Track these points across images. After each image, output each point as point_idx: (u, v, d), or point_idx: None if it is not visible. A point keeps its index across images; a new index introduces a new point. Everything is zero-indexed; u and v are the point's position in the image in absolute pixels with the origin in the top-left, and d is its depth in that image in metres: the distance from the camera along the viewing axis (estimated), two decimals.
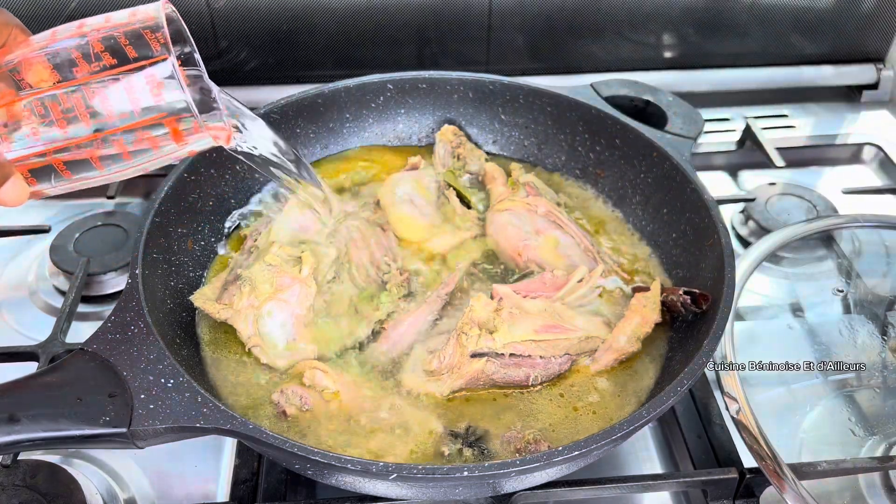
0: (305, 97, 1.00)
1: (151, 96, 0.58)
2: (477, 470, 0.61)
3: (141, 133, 0.60)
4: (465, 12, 1.25)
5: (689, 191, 0.88)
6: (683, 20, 1.30)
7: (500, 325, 0.77)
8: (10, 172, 0.58)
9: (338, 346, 0.81)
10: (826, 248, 1.06)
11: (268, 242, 0.85)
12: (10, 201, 0.59)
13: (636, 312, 0.81)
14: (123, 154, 0.60)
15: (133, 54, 0.58)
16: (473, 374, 0.75)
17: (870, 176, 1.25)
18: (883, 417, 0.84)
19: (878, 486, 0.79)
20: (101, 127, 0.59)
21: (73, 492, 0.75)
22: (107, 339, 0.68)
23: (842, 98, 1.39)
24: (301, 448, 0.61)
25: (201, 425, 0.63)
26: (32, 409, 0.62)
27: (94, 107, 0.58)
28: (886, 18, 1.33)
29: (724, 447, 0.80)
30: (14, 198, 0.59)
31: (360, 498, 0.74)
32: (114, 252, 1.01)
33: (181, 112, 0.59)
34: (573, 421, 0.75)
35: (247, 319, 0.79)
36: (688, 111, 1.01)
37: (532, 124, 1.05)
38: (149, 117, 0.59)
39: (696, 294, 0.79)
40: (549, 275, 0.85)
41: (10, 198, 0.59)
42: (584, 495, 0.75)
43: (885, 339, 0.92)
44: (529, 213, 0.91)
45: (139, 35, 0.58)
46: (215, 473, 0.81)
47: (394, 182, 0.98)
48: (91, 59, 0.58)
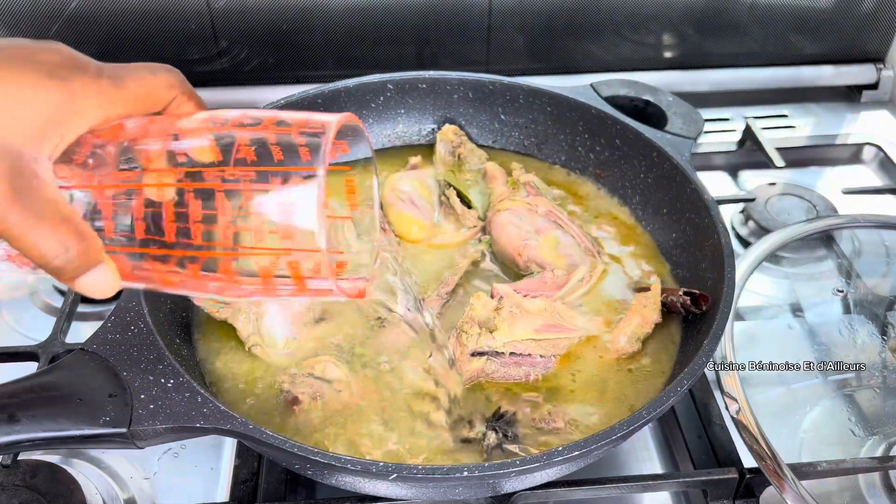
0: (305, 97, 1.00)
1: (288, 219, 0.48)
2: (477, 470, 0.61)
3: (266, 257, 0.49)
4: (465, 12, 1.25)
5: (689, 191, 0.88)
6: (683, 20, 1.30)
7: (501, 324, 0.77)
8: (98, 260, 0.50)
9: (338, 345, 0.81)
10: (826, 248, 1.06)
11: None
12: (91, 293, 0.51)
13: (636, 312, 0.81)
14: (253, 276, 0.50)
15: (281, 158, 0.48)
16: (473, 372, 0.75)
17: (870, 176, 1.25)
18: (883, 417, 0.84)
19: (878, 486, 0.79)
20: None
21: (73, 492, 0.75)
22: (107, 339, 0.68)
23: (842, 98, 1.39)
24: (301, 448, 0.61)
25: (201, 425, 0.63)
26: (32, 409, 0.62)
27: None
28: (886, 18, 1.33)
29: (724, 447, 0.80)
30: (99, 290, 0.51)
31: (360, 498, 0.74)
32: None
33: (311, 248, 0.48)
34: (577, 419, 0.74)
35: (247, 318, 0.79)
36: (688, 111, 1.01)
37: (532, 124, 1.05)
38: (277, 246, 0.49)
39: (696, 295, 0.79)
40: (550, 274, 0.85)
41: (92, 289, 0.51)
42: (584, 495, 0.75)
43: (885, 339, 0.92)
44: (530, 213, 0.91)
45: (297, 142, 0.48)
46: (215, 473, 0.81)
47: (394, 182, 0.98)
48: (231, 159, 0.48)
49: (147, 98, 0.52)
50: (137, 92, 0.52)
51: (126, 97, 0.51)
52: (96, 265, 0.50)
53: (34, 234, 0.47)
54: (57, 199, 0.48)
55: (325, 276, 0.50)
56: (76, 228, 0.49)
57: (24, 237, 0.47)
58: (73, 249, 0.48)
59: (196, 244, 0.50)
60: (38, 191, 0.47)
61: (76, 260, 0.49)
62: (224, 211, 0.49)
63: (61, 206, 0.48)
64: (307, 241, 0.48)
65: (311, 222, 0.48)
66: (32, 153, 0.47)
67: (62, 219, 0.48)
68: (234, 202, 0.49)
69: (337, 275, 0.52)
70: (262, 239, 0.49)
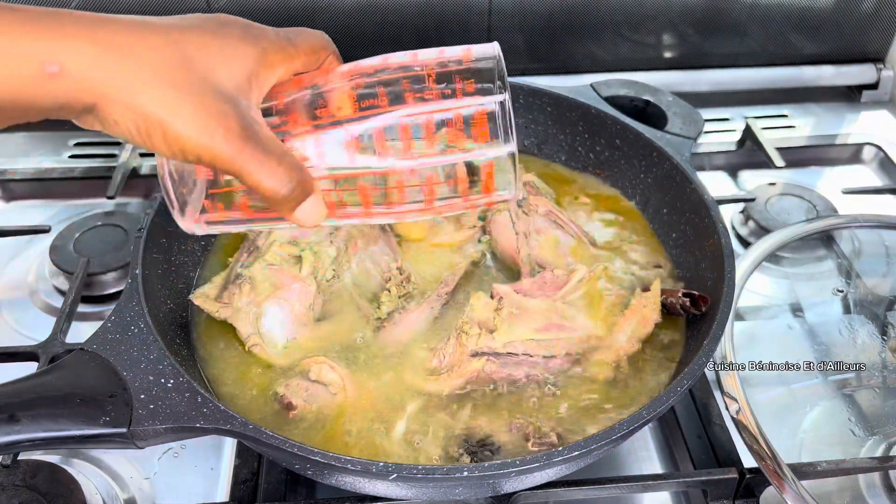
0: None
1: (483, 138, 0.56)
2: (477, 470, 0.61)
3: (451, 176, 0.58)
4: (465, 12, 1.25)
5: (689, 191, 0.88)
6: (683, 20, 1.30)
7: (501, 325, 0.77)
8: (311, 190, 0.56)
9: (338, 345, 0.81)
10: (826, 248, 1.06)
11: (268, 241, 0.85)
12: (307, 221, 0.58)
13: (636, 313, 0.81)
14: (427, 192, 0.58)
15: (468, 89, 0.56)
16: (473, 373, 0.75)
17: (870, 176, 1.25)
18: (883, 417, 0.84)
19: (878, 486, 0.79)
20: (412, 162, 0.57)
21: (73, 492, 0.75)
22: (107, 339, 0.68)
23: (842, 98, 1.39)
24: (301, 448, 0.61)
25: (201, 425, 0.63)
26: (32, 409, 0.62)
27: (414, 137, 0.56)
28: (886, 18, 1.33)
29: (724, 447, 0.80)
30: (313, 219, 0.58)
31: (360, 498, 0.74)
32: (114, 252, 1.01)
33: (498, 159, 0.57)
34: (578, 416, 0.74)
35: (246, 318, 0.79)
36: (688, 111, 1.01)
37: (532, 124, 1.05)
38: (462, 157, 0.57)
39: (696, 296, 0.79)
40: (550, 274, 0.85)
41: (308, 218, 0.57)
42: (583, 495, 0.75)
43: (885, 339, 0.92)
44: (530, 213, 0.91)
45: (475, 71, 0.57)
46: (215, 473, 0.81)
47: None
48: (421, 87, 0.57)
49: (313, 53, 0.60)
50: (307, 48, 0.59)
51: (300, 53, 0.59)
52: (311, 194, 0.57)
53: (265, 168, 0.53)
54: (275, 138, 0.55)
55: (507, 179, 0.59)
56: (295, 162, 0.55)
57: (256, 172, 0.53)
58: (295, 180, 0.55)
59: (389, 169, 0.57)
60: (261, 131, 0.54)
61: (297, 189, 0.55)
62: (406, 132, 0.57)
63: (280, 143, 0.55)
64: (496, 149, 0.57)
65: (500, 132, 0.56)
66: (246, 102, 0.54)
67: (283, 153, 0.54)
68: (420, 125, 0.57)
69: None
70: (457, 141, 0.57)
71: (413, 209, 0.60)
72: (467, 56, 0.59)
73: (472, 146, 0.57)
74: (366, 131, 0.57)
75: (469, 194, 0.60)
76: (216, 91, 0.52)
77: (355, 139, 0.57)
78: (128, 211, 1.10)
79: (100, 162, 1.18)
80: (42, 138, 1.25)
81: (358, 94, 0.57)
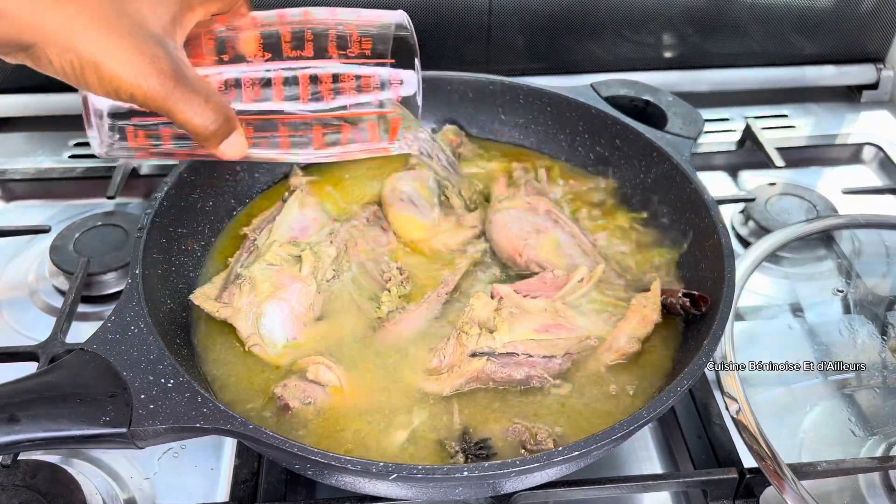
0: None
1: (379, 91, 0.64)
2: (477, 470, 0.61)
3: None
4: (465, 12, 1.25)
5: (689, 191, 0.88)
6: (683, 20, 1.30)
7: (501, 325, 0.77)
8: (235, 126, 0.61)
9: (338, 344, 0.81)
10: (826, 248, 1.06)
11: (268, 241, 0.85)
12: (231, 155, 0.62)
13: (636, 313, 0.81)
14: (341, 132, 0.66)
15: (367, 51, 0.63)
16: (473, 373, 0.75)
17: (870, 176, 1.25)
18: (883, 417, 0.84)
19: (878, 486, 0.79)
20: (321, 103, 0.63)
21: (73, 492, 0.75)
22: (107, 339, 0.68)
23: (842, 98, 1.39)
24: (301, 448, 0.61)
25: (201, 425, 0.63)
26: (32, 409, 0.62)
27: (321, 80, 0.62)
28: (886, 18, 1.33)
29: (724, 447, 0.80)
30: (236, 152, 0.63)
31: (360, 498, 0.74)
32: (114, 252, 1.01)
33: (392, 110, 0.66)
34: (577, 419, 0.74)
35: (246, 318, 0.79)
36: (688, 111, 1.01)
37: (532, 124, 1.05)
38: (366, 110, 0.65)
39: (696, 296, 0.79)
40: (550, 274, 0.85)
41: (232, 151, 0.62)
42: (584, 495, 0.75)
43: (885, 339, 0.92)
44: (530, 213, 0.91)
45: (379, 37, 0.64)
46: (215, 473, 0.81)
47: (394, 181, 0.98)
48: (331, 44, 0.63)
49: None
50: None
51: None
52: (235, 129, 0.61)
53: (193, 107, 0.57)
54: (202, 78, 0.59)
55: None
56: (220, 100, 0.59)
57: (186, 110, 0.57)
58: (221, 117, 0.59)
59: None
60: (189, 71, 0.58)
61: (224, 125, 0.59)
62: None
63: (206, 83, 0.59)
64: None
65: None
66: (173, 43, 0.58)
67: (210, 93, 0.58)
68: None
69: None
70: None
71: (318, 152, 0.68)
72: (375, 20, 0.65)
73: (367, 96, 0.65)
74: (266, 75, 0.62)
75: (371, 139, 0.68)
76: (148, 34, 0.56)
77: (257, 81, 0.62)
78: (128, 211, 1.10)
79: (100, 162, 1.18)
80: (42, 138, 1.25)
81: (264, 40, 0.62)
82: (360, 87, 0.64)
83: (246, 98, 0.62)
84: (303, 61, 0.62)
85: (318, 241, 0.87)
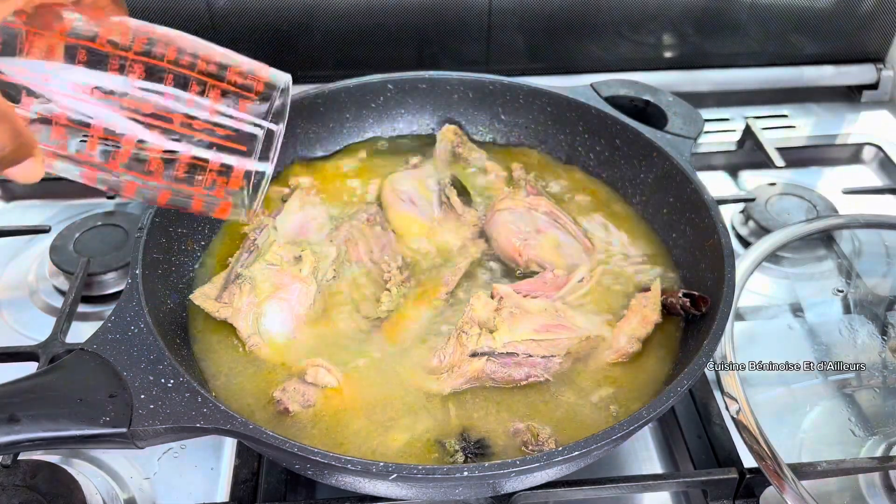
0: (305, 97, 1.00)
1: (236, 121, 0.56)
2: (477, 470, 0.61)
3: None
4: (465, 12, 1.25)
5: (689, 191, 0.88)
6: (683, 20, 1.30)
7: (501, 325, 0.77)
8: (30, 154, 0.54)
9: (338, 344, 0.81)
10: (826, 248, 1.06)
11: (268, 241, 0.85)
12: (19, 180, 0.56)
13: (636, 313, 0.81)
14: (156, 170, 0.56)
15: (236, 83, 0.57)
16: (473, 373, 0.75)
17: (870, 176, 1.25)
18: (883, 417, 0.84)
19: (878, 486, 0.79)
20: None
21: (73, 492, 0.75)
22: (107, 339, 0.68)
23: (842, 98, 1.39)
24: (301, 448, 0.61)
25: (201, 425, 0.63)
26: (32, 409, 0.62)
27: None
28: (886, 18, 1.33)
29: (724, 447, 0.80)
30: (25, 178, 0.56)
31: (360, 498, 0.74)
32: (114, 252, 1.01)
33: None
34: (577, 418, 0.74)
35: (247, 318, 0.79)
36: (688, 111, 1.01)
37: (532, 124, 1.05)
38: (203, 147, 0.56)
39: (696, 296, 0.79)
40: (550, 274, 0.85)
41: (20, 177, 0.56)
42: (584, 495, 0.75)
43: (885, 339, 0.92)
44: (530, 212, 0.91)
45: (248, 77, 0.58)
46: (215, 473, 0.81)
47: (394, 181, 0.98)
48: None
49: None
50: None
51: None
52: (29, 157, 0.54)
53: None
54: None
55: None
56: (13, 128, 0.52)
57: None
58: (9, 147, 0.52)
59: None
60: None
61: (11, 154, 0.52)
62: None
63: (3, 106, 0.51)
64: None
65: None
66: None
67: (2, 117, 0.51)
68: None
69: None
70: None
71: (134, 180, 0.58)
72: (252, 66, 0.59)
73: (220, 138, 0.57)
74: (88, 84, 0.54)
75: (200, 185, 0.57)
76: None
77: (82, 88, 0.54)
78: (128, 211, 1.10)
79: None
80: None
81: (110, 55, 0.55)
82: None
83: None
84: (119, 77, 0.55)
85: (319, 241, 0.87)
